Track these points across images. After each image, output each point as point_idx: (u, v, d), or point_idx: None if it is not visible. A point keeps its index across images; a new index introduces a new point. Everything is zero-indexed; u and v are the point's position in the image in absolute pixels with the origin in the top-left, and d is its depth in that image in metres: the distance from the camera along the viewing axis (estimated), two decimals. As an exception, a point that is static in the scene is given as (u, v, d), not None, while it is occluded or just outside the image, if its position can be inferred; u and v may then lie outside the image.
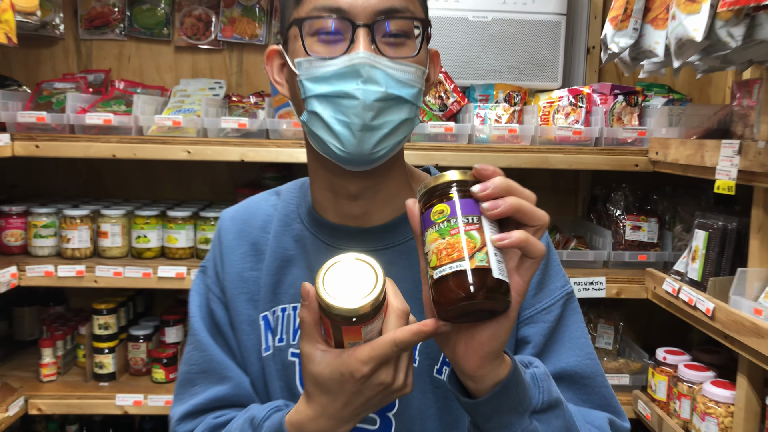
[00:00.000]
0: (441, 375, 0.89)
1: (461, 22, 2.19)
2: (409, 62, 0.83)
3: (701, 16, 1.13)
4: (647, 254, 2.14)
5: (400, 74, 0.82)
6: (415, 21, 0.84)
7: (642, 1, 1.38)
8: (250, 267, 0.97)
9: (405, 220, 0.90)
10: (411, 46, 0.85)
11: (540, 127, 2.10)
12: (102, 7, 2.39)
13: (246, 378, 0.94)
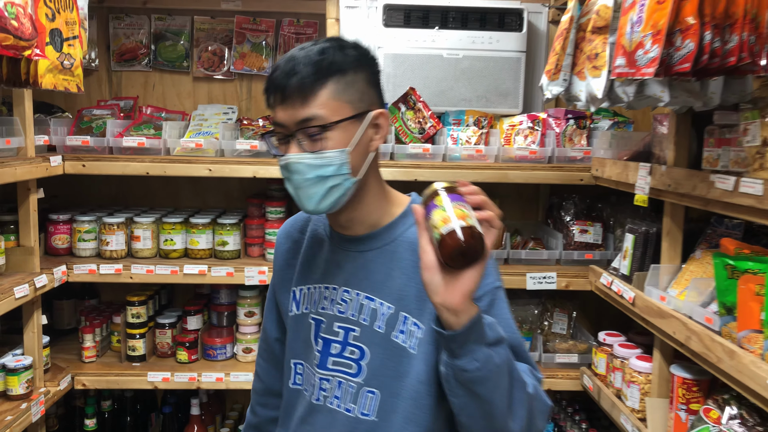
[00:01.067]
0: (397, 339, 1.27)
1: (437, 59, 2.60)
2: (326, 151, 1.16)
3: (602, 79, 1.54)
4: (593, 253, 2.56)
5: (318, 161, 1.16)
6: (326, 125, 1.15)
7: (570, 58, 1.80)
8: (292, 257, 1.39)
9: (379, 233, 1.28)
10: (331, 137, 1.16)
11: (502, 148, 2.51)
12: (131, 43, 2.79)
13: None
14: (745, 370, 1.46)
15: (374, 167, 1.26)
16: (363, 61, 1.22)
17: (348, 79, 1.18)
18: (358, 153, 1.20)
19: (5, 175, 1.98)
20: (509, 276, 2.46)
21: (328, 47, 1.19)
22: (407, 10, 2.60)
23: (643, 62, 1.34)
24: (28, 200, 2.22)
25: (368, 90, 1.22)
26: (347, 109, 1.18)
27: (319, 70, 1.15)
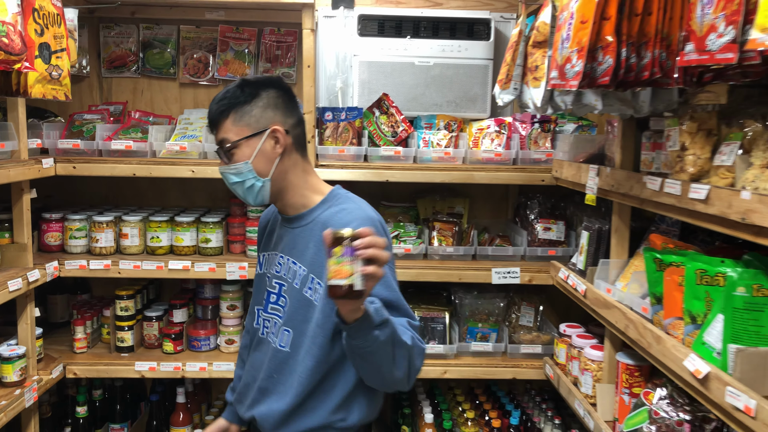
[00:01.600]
0: (306, 293, 1.66)
1: (409, 66, 2.75)
2: (235, 164, 1.64)
3: (540, 89, 1.69)
4: (556, 250, 2.71)
5: (232, 171, 1.66)
6: (228, 144, 1.63)
7: (520, 68, 1.94)
8: (263, 232, 1.87)
9: (303, 215, 1.71)
10: (237, 152, 1.64)
11: (469, 150, 2.66)
12: (120, 51, 2.94)
13: None
14: (668, 353, 1.61)
15: (291, 167, 1.69)
16: (259, 93, 1.65)
17: (244, 110, 1.64)
18: (262, 160, 1.65)
19: (0, 176, 2.12)
20: (475, 271, 2.61)
21: (230, 89, 1.66)
22: (381, 20, 2.75)
23: (571, 75, 1.49)
24: (22, 200, 2.37)
25: (265, 113, 1.65)
26: (246, 130, 1.64)
27: (222, 108, 1.65)
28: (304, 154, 1.73)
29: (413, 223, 2.81)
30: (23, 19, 1.73)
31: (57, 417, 2.75)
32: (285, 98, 1.69)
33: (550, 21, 1.70)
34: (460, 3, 2.91)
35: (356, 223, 1.49)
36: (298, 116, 1.72)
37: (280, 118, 1.66)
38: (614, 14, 1.41)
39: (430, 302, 2.82)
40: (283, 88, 1.70)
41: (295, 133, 1.70)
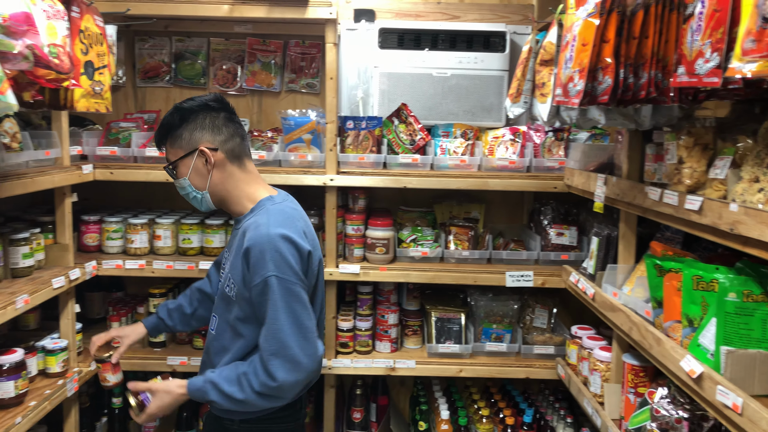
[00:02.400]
0: (226, 290, 1.93)
1: (427, 78, 2.87)
2: (178, 180, 1.94)
3: (547, 105, 1.80)
4: (568, 254, 2.80)
5: (179, 186, 1.95)
6: (169, 164, 1.93)
7: (530, 83, 2.05)
8: None
9: (237, 221, 1.96)
10: (178, 171, 1.93)
11: (485, 158, 2.77)
12: (154, 62, 3.11)
13: None
14: (667, 354, 1.71)
15: (227, 178, 1.91)
16: (188, 118, 1.89)
17: (176, 134, 1.89)
18: (196, 176, 1.91)
19: (45, 182, 2.29)
20: (490, 274, 2.72)
21: (166, 116, 1.91)
22: (401, 33, 2.87)
23: (573, 93, 1.60)
24: (64, 203, 2.54)
25: (194, 135, 1.88)
26: (180, 152, 1.90)
27: (160, 135, 1.94)
28: (241, 166, 1.94)
29: (430, 228, 2.93)
30: (71, 40, 1.89)
31: (95, 407, 2.93)
32: (214, 118, 1.91)
33: (556, 41, 1.81)
34: (476, 16, 3.02)
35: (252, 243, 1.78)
36: (229, 133, 1.92)
37: (209, 137, 1.89)
38: (613, 37, 1.51)
39: (446, 303, 2.94)
40: (213, 108, 1.92)
41: (227, 147, 1.90)
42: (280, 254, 1.77)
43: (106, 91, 2.12)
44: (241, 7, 2.58)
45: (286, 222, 1.84)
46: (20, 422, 2.11)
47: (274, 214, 1.86)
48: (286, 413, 1.96)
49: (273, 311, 1.76)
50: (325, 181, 2.68)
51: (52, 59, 1.68)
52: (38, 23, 1.59)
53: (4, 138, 2.15)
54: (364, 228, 2.80)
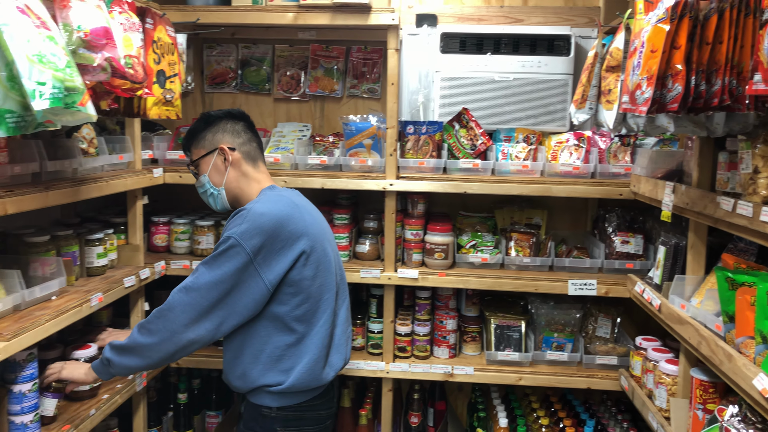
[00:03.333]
0: None
1: (489, 82, 2.85)
2: (199, 178, 2.14)
3: (613, 112, 1.76)
4: (634, 263, 2.73)
5: (199, 184, 2.15)
6: (192, 164, 2.17)
7: (595, 89, 2.01)
8: None
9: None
10: (199, 169, 2.14)
11: (548, 163, 2.73)
12: (221, 68, 3.21)
13: None
14: (738, 371, 1.64)
15: (241, 177, 2.10)
16: (213, 122, 2.12)
17: (201, 136, 2.12)
18: (215, 173, 2.11)
19: (118, 185, 2.40)
20: (552, 282, 2.67)
21: (194, 123, 2.16)
22: (463, 37, 2.86)
23: (641, 101, 1.56)
24: (136, 205, 2.65)
25: (216, 136, 2.11)
26: (202, 151, 2.12)
27: (187, 138, 2.16)
28: (255, 166, 2.14)
29: (491, 233, 2.90)
30: (145, 51, 1.98)
31: (161, 401, 3.04)
32: (234, 125, 2.14)
33: (623, 47, 1.76)
34: (540, 19, 2.98)
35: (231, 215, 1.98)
36: (247, 138, 2.15)
37: (229, 139, 2.11)
38: (684, 43, 1.47)
39: (506, 310, 2.91)
40: (235, 117, 2.16)
41: (243, 149, 2.12)
42: (247, 222, 1.91)
43: (177, 99, 2.20)
44: (305, 15, 2.63)
45: (271, 201, 2.00)
46: (94, 414, 2.22)
47: (265, 198, 2.04)
48: (321, 401, 2.07)
49: (197, 272, 1.93)
50: (384, 185, 2.70)
51: (127, 70, 1.76)
52: (116, 36, 1.67)
53: (81, 143, 2.26)
54: (423, 233, 2.80)
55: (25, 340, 1.82)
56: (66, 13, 1.47)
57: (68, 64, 1.32)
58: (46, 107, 1.24)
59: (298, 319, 1.98)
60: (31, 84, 1.22)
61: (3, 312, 1.88)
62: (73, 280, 2.30)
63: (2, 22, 1.22)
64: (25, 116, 1.29)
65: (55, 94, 1.26)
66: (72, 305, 2.07)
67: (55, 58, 1.27)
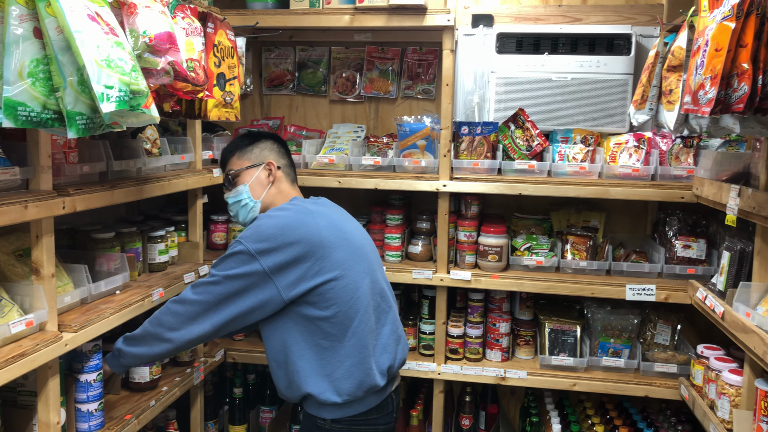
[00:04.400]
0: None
1: (546, 82, 2.81)
2: (236, 188, 2.18)
3: (674, 113, 1.71)
4: (695, 268, 2.64)
5: (233, 195, 2.19)
6: (232, 171, 2.20)
7: (656, 89, 1.96)
8: None
9: None
10: (239, 179, 2.18)
11: (606, 165, 2.67)
12: (279, 71, 3.27)
13: None
14: (807, 384, 1.57)
15: (278, 194, 2.16)
16: (258, 140, 2.21)
17: (246, 149, 2.19)
18: (257, 185, 2.16)
19: (180, 184, 2.48)
20: (608, 287, 2.61)
21: (236, 138, 2.25)
22: (519, 37, 2.83)
23: (704, 102, 1.51)
24: (196, 204, 2.74)
25: (263, 152, 2.19)
26: (247, 162, 2.18)
27: (230, 149, 2.23)
28: (291, 185, 2.22)
29: (546, 236, 2.86)
30: (206, 54, 2.04)
31: (217, 395, 3.12)
32: (280, 147, 2.23)
33: (686, 45, 1.71)
34: (600, 18, 2.92)
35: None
36: (288, 160, 2.24)
37: (275, 157, 2.20)
38: (751, 42, 1.41)
39: (561, 315, 2.86)
40: (279, 141, 2.24)
41: (286, 170, 2.21)
42: (258, 227, 1.96)
43: (236, 101, 2.26)
44: (361, 17, 2.65)
45: (281, 209, 2.04)
46: (154, 405, 2.30)
47: (279, 207, 2.08)
48: (378, 415, 2.03)
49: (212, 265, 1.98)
50: (437, 186, 2.70)
51: (189, 73, 1.82)
52: (179, 40, 1.73)
53: (145, 144, 2.35)
54: (477, 234, 2.79)
55: (91, 331, 1.91)
56: (133, 19, 1.53)
57: (134, 68, 1.38)
58: (113, 110, 1.30)
59: (330, 323, 1.95)
60: (100, 87, 1.28)
61: (71, 304, 1.97)
62: (136, 276, 2.39)
63: (75, 29, 1.28)
64: (94, 118, 1.35)
65: (122, 97, 1.31)
66: (135, 299, 2.15)
67: (121, 63, 1.33)
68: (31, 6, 1.30)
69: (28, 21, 1.30)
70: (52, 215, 1.76)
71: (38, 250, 1.77)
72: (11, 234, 1.88)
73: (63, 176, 1.90)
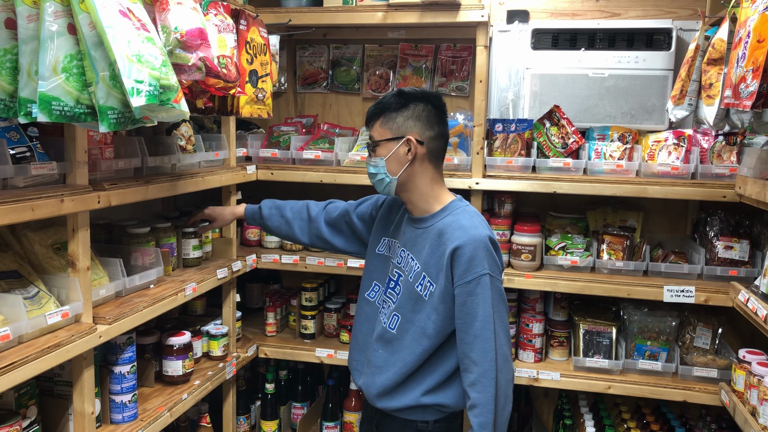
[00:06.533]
0: (416, 288, 1.92)
1: (582, 78, 2.75)
2: (374, 159, 1.94)
3: (714, 108, 1.65)
4: (738, 270, 2.55)
5: (372, 164, 1.95)
6: (372, 143, 1.95)
7: (696, 84, 1.90)
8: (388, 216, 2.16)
9: (425, 219, 1.95)
10: (378, 151, 1.94)
11: (644, 163, 2.60)
12: (313, 69, 3.28)
13: None
14: None
15: (420, 173, 1.92)
16: (408, 104, 1.90)
17: (390, 116, 1.91)
18: (394, 161, 1.92)
19: (214, 181, 2.51)
20: (645, 288, 2.55)
21: (387, 95, 1.94)
22: (555, 33, 2.78)
23: (745, 95, 1.45)
24: (230, 201, 2.76)
25: (406, 122, 1.90)
26: (388, 133, 1.92)
27: (375, 111, 1.94)
28: (437, 165, 1.96)
29: (581, 235, 2.81)
30: (238, 51, 2.05)
31: (250, 390, 3.15)
32: (431, 113, 1.92)
33: (727, 38, 1.65)
34: (639, 12, 2.84)
35: (463, 242, 1.81)
36: (439, 131, 1.93)
37: (419, 129, 1.90)
38: (796, 32, 1.35)
39: (597, 315, 2.80)
40: (433, 103, 1.93)
41: (431, 146, 1.92)
42: (491, 255, 1.84)
43: (268, 98, 2.28)
44: (394, 14, 2.64)
45: (487, 225, 1.92)
46: (186, 398, 2.33)
47: (473, 215, 1.92)
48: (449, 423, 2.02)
49: (484, 312, 1.80)
50: (470, 184, 2.67)
51: (221, 70, 1.84)
52: (210, 37, 1.74)
53: (180, 141, 2.39)
54: (510, 233, 2.75)
55: (125, 324, 1.94)
56: (165, 15, 1.55)
57: (164, 63, 1.39)
58: (143, 104, 1.32)
59: None
60: (130, 82, 1.30)
61: (106, 297, 2.01)
62: (170, 270, 2.42)
63: (107, 25, 1.30)
64: (125, 112, 1.37)
65: (151, 92, 1.33)
66: (168, 294, 2.18)
67: (152, 58, 1.35)
68: (66, 2, 1.33)
69: (63, 17, 1.33)
70: (88, 209, 1.79)
71: (74, 244, 1.81)
72: (50, 227, 1.93)
73: (99, 171, 1.94)
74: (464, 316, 1.83)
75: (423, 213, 1.97)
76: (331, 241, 2.32)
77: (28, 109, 1.33)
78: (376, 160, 1.95)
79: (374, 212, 2.25)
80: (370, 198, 2.30)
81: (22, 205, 1.56)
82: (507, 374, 1.83)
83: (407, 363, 1.93)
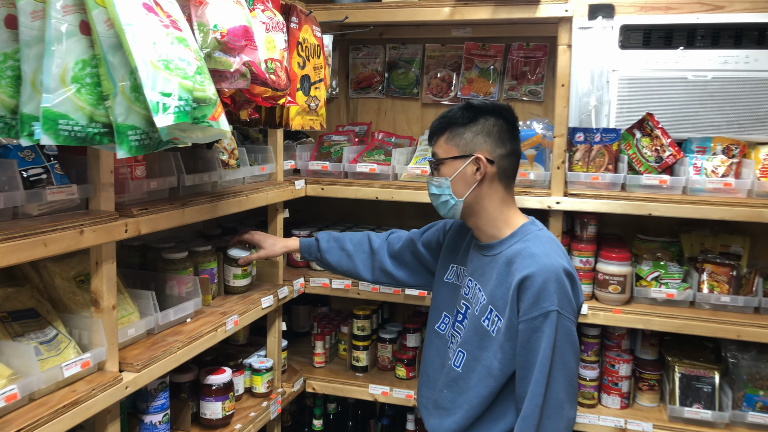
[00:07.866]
0: (483, 323, 1.71)
1: (680, 81, 2.38)
2: (437, 178, 1.75)
3: None
4: None
5: (435, 183, 1.76)
6: (438, 160, 1.75)
7: None
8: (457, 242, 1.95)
9: (493, 245, 1.74)
10: (442, 168, 1.74)
11: (757, 181, 2.21)
12: (367, 71, 2.99)
13: None
14: None
15: (489, 195, 1.72)
16: (477, 119, 1.71)
17: (458, 131, 1.71)
18: (460, 182, 1.72)
19: (259, 200, 2.23)
20: (758, 328, 2.16)
21: (454, 108, 1.75)
22: (647, 30, 2.42)
23: None
24: (276, 219, 2.48)
25: (475, 139, 1.70)
26: (454, 151, 1.72)
27: (441, 125, 1.75)
28: (508, 186, 1.76)
29: (676, 262, 2.43)
30: (288, 54, 1.77)
31: (296, 426, 2.88)
32: (502, 128, 1.72)
33: None
34: (747, 5, 2.44)
35: (533, 272, 1.59)
36: (511, 149, 1.73)
37: (489, 147, 1.71)
38: None
39: (693, 356, 2.42)
40: (505, 117, 1.74)
41: (502, 164, 1.72)
42: (564, 289, 1.61)
43: (321, 107, 1.99)
44: (462, 9, 2.32)
45: (563, 254, 1.70)
46: (226, 446, 2.06)
47: (547, 242, 1.70)
48: None
49: (543, 353, 1.58)
50: (549, 203, 2.33)
51: (269, 76, 1.55)
52: (257, 37, 1.46)
53: (222, 155, 2.12)
54: (594, 260, 2.39)
55: (156, 370, 1.68)
56: (202, 10, 1.27)
57: (198, 70, 1.10)
58: (171, 123, 1.03)
59: None
60: (155, 95, 1.01)
61: (135, 338, 1.75)
62: (210, 300, 2.16)
63: (126, 22, 1.02)
64: (150, 132, 1.09)
65: (182, 107, 1.04)
66: (206, 330, 1.91)
67: (183, 64, 1.06)
68: (78, -6, 1.05)
69: (74, 13, 1.05)
70: (113, 240, 1.53)
71: (97, 279, 1.55)
72: (72, 257, 1.68)
73: (127, 193, 1.68)
74: (524, 354, 1.63)
75: (491, 239, 1.77)
76: (394, 275, 2.07)
77: (32, 128, 1.06)
78: (439, 180, 1.75)
79: (441, 238, 2.01)
80: (436, 224, 2.05)
81: (32, 240, 1.30)
82: (557, 423, 1.61)
83: (473, 406, 1.73)
